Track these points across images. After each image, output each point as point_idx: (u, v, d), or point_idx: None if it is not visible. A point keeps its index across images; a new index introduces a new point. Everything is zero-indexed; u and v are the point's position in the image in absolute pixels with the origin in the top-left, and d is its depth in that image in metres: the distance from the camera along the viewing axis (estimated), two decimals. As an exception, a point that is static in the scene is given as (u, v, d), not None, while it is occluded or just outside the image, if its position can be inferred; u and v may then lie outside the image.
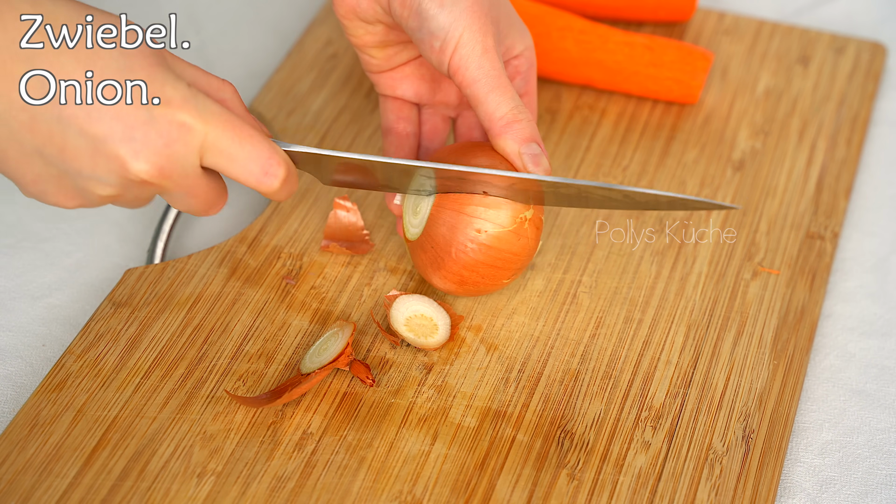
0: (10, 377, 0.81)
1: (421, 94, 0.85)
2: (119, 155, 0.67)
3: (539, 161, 0.77)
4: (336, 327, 0.80)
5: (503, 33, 0.80)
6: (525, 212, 0.78)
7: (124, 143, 0.67)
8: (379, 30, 0.82)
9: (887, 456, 0.79)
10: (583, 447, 0.77)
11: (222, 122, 0.69)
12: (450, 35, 0.77)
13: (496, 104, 0.77)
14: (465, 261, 0.78)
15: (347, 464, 0.75)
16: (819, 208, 0.91)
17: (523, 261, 0.79)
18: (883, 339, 0.85)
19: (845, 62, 1.01)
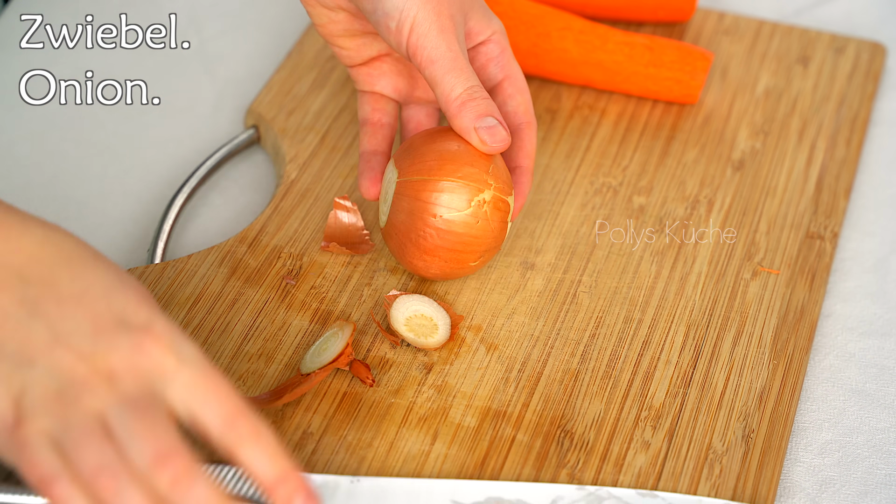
0: (11, 377, 0.81)
1: (400, 89, 0.86)
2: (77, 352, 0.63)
3: (495, 133, 0.77)
4: (336, 327, 0.80)
5: (466, 16, 0.80)
6: (481, 194, 0.78)
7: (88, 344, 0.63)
8: (342, 17, 0.82)
9: (887, 456, 0.79)
10: (583, 447, 0.77)
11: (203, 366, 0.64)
12: (404, 14, 0.77)
13: (451, 85, 0.77)
14: (425, 246, 0.79)
15: (347, 464, 0.75)
16: (819, 208, 0.91)
17: (489, 243, 0.80)
18: (883, 339, 0.85)
19: (845, 62, 1.01)
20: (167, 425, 0.63)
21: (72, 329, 0.63)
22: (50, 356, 0.63)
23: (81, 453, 0.62)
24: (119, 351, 0.63)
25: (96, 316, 0.64)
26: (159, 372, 0.63)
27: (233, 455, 0.64)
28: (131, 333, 0.64)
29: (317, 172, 0.91)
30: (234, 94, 0.99)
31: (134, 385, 0.63)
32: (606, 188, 0.91)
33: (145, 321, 0.64)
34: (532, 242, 0.87)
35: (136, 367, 0.63)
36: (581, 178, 0.92)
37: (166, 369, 0.64)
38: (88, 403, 0.62)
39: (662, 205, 0.90)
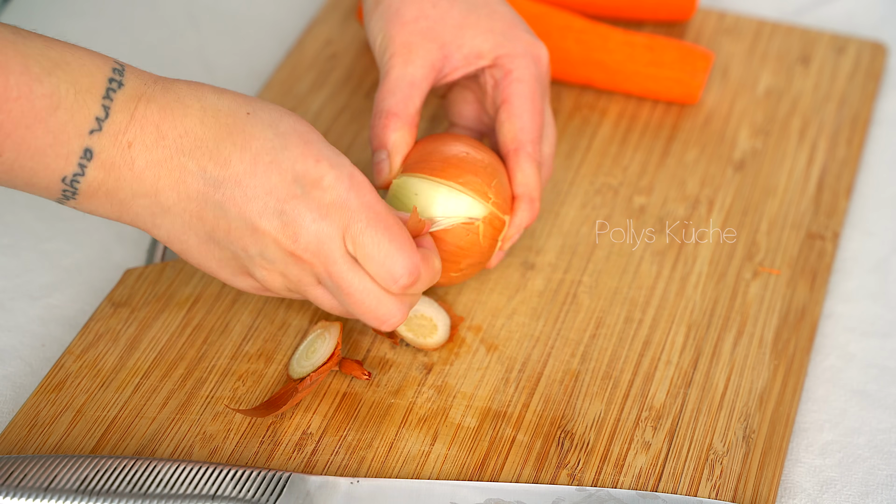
0: (10, 377, 0.81)
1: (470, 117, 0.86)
2: (269, 230, 0.71)
3: (379, 171, 0.80)
4: (320, 328, 0.80)
5: (454, 46, 0.80)
6: (478, 206, 0.78)
7: (275, 217, 0.71)
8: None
9: (888, 456, 0.79)
10: (583, 447, 0.77)
11: (369, 214, 0.72)
12: (373, 38, 0.81)
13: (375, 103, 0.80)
14: None
15: (347, 464, 0.75)
16: (820, 208, 0.91)
17: (474, 258, 0.79)
18: (884, 340, 0.85)
19: (846, 62, 1.01)
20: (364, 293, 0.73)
21: (259, 210, 0.71)
22: (256, 244, 0.72)
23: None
24: (304, 221, 0.71)
25: (273, 187, 0.70)
26: (339, 231, 0.71)
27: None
28: (308, 196, 0.71)
29: (317, 172, 0.91)
30: (234, 93, 0.99)
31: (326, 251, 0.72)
32: (607, 188, 0.91)
33: (315, 176, 0.71)
34: (532, 242, 0.87)
35: (321, 235, 0.71)
36: (581, 178, 0.92)
37: (341, 225, 0.71)
38: (305, 282, 0.73)
39: (663, 205, 0.90)
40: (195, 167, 0.70)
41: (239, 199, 0.71)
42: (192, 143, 0.70)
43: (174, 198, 0.71)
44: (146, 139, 0.70)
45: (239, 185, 0.70)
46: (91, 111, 0.68)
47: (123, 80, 0.70)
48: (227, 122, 0.71)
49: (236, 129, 0.71)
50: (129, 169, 0.70)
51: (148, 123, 0.70)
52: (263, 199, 0.71)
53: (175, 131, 0.70)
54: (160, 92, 0.71)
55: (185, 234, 0.72)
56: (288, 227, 0.71)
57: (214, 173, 0.70)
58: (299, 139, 0.72)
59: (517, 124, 0.80)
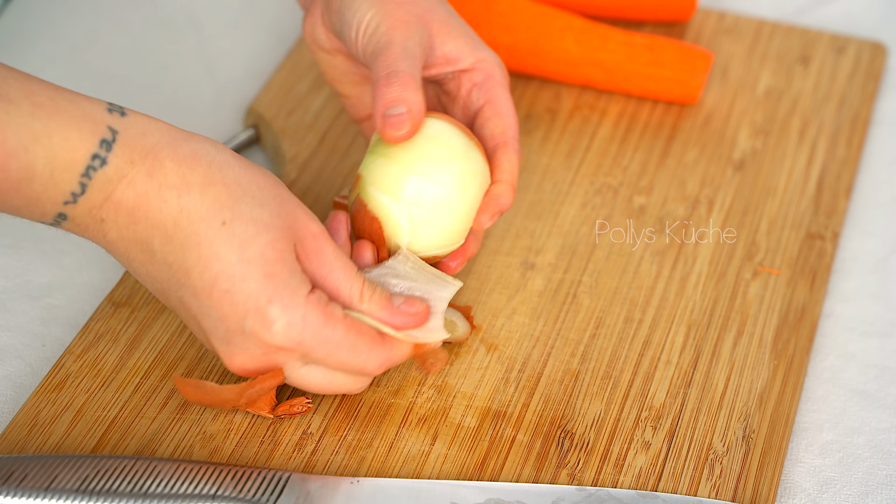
0: (10, 377, 0.81)
1: None
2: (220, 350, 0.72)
3: (397, 124, 0.76)
4: None
5: (438, 39, 0.80)
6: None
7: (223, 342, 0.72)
8: (339, 61, 0.84)
9: (888, 456, 0.79)
10: (583, 447, 0.77)
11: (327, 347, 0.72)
12: (360, 19, 0.79)
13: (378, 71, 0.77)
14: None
15: (347, 464, 0.75)
16: (819, 208, 0.91)
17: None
18: (883, 340, 0.85)
19: (846, 62, 1.01)
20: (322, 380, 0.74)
21: (211, 328, 0.72)
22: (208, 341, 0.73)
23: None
24: (250, 355, 0.72)
25: (224, 316, 0.71)
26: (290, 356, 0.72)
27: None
28: (255, 335, 0.71)
29: (316, 172, 0.91)
30: (234, 93, 0.99)
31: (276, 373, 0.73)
32: (607, 188, 0.91)
33: (264, 319, 0.70)
34: (532, 242, 0.87)
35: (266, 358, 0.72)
36: (581, 178, 0.92)
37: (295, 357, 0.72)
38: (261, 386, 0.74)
39: (663, 205, 0.90)
40: (162, 259, 0.71)
41: (194, 309, 0.72)
42: (162, 238, 0.70)
43: (143, 272, 0.72)
44: (119, 220, 0.70)
45: (196, 297, 0.71)
46: (67, 187, 0.69)
47: (108, 158, 0.69)
48: (198, 231, 0.70)
49: (204, 242, 0.70)
50: (101, 237, 0.71)
51: (122, 208, 0.70)
52: (214, 322, 0.71)
53: (147, 222, 0.70)
54: (143, 177, 0.70)
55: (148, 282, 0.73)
56: (235, 355, 0.72)
57: (178, 275, 0.71)
58: (260, 272, 0.70)
59: (505, 121, 0.81)
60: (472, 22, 0.96)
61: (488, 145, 0.81)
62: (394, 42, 0.78)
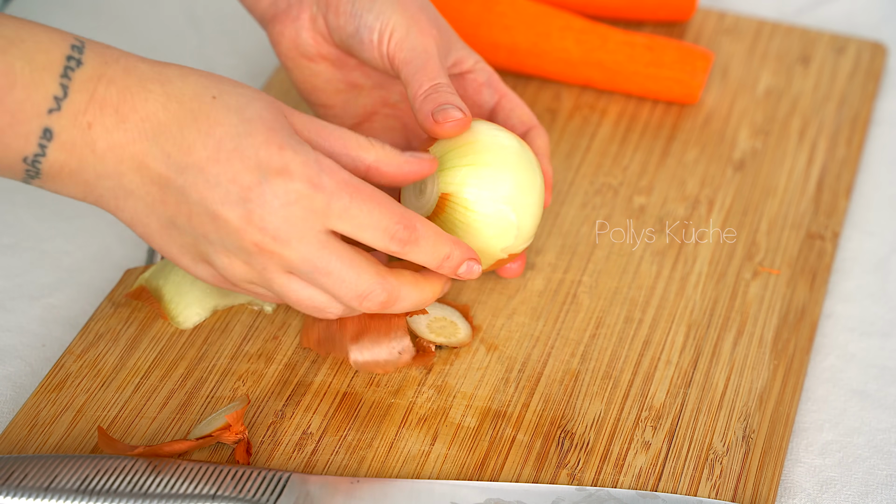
0: (10, 377, 0.81)
1: (398, 142, 0.85)
2: (232, 219, 0.69)
3: (448, 114, 0.76)
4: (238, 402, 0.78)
5: (446, 45, 0.81)
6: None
7: (238, 205, 0.69)
8: (323, 69, 0.83)
9: (888, 456, 0.79)
10: (583, 447, 0.77)
11: (348, 189, 0.70)
12: (384, 23, 0.78)
13: (419, 83, 0.77)
14: None
15: (347, 464, 0.75)
16: (819, 208, 0.91)
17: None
18: (883, 340, 0.85)
19: (846, 62, 1.01)
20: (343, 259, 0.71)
21: (221, 198, 0.69)
22: (217, 232, 0.70)
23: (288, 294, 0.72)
24: (269, 209, 0.69)
25: (236, 174, 0.68)
26: (313, 213, 0.69)
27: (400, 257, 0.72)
28: (272, 183, 0.68)
29: (317, 172, 0.91)
30: (234, 94, 0.99)
31: (297, 234, 0.69)
32: (607, 188, 0.91)
33: (279, 165, 0.69)
34: (532, 242, 0.87)
35: (291, 218, 0.69)
36: (581, 178, 0.92)
37: (316, 208, 0.69)
38: (272, 270, 0.71)
39: (663, 205, 0.90)
40: (158, 152, 0.69)
41: (201, 185, 0.69)
42: (154, 127, 0.68)
43: (137, 181, 0.69)
44: (106, 122, 0.68)
45: (202, 171, 0.69)
46: (49, 90, 0.67)
47: (83, 59, 0.68)
48: (192, 107, 0.69)
49: (201, 115, 0.69)
50: (90, 150, 0.68)
51: (107, 105, 0.68)
52: (226, 187, 0.69)
53: (136, 115, 0.68)
54: (121, 73, 0.69)
55: (148, 217, 0.71)
56: (252, 215, 0.69)
57: (177, 159, 0.69)
58: (263, 126, 0.69)
59: (526, 109, 0.84)
60: (472, 22, 0.96)
61: (519, 132, 0.83)
62: (430, 52, 0.78)
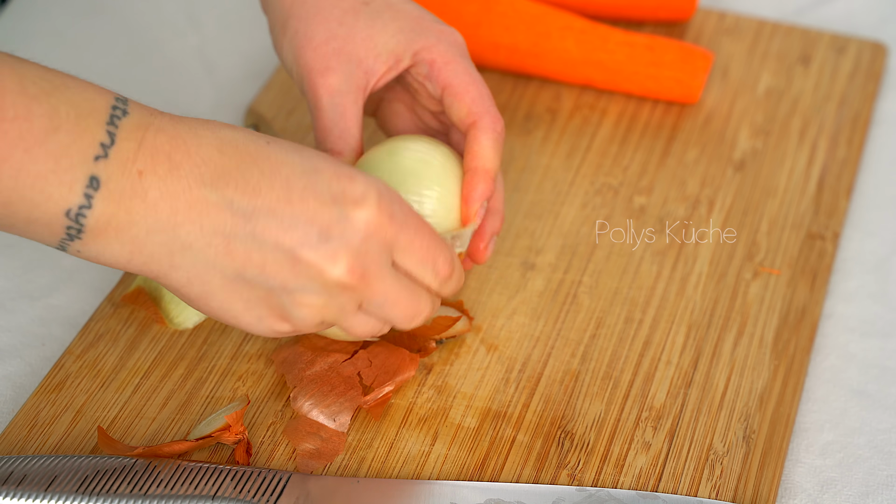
0: (10, 377, 0.81)
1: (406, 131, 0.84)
2: (316, 260, 0.66)
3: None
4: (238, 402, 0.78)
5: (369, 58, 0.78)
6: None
7: (321, 245, 0.66)
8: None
9: (888, 457, 0.79)
10: (583, 447, 0.77)
11: (415, 220, 0.69)
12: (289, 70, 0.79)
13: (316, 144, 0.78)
14: None
15: (347, 464, 0.75)
16: (820, 208, 0.91)
17: None
18: (884, 340, 0.85)
19: (846, 62, 1.01)
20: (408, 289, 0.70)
21: (301, 239, 0.66)
22: (297, 278, 0.66)
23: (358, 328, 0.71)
24: (352, 245, 0.66)
25: (314, 213, 0.66)
26: (385, 246, 0.68)
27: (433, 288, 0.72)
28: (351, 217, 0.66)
29: (317, 172, 0.91)
30: (234, 94, 0.99)
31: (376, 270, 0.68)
32: (607, 188, 0.91)
33: (355, 195, 0.67)
34: (532, 242, 0.87)
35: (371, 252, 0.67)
36: (581, 178, 0.92)
37: (388, 240, 0.67)
38: (348, 308, 0.68)
39: (663, 205, 0.90)
40: (219, 198, 0.64)
41: (275, 229, 0.65)
42: (212, 172, 0.65)
43: (196, 233, 0.65)
44: (158, 169, 0.64)
45: (274, 214, 0.65)
46: (95, 136, 0.63)
47: (128, 109, 0.65)
48: (250, 150, 0.66)
49: (261, 157, 0.66)
50: (141, 200, 0.64)
51: (159, 153, 0.64)
52: (304, 228, 0.65)
53: (190, 161, 0.65)
54: (168, 123, 0.66)
55: (209, 273, 0.66)
56: (336, 253, 0.66)
57: (243, 203, 0.65)
58: (327, 161, 0.67)
59: (467, 99, 0.77)
60: (471, 22, 0.96)
61: (462, 131, 0.78)
62: (318, 104, 0.77)
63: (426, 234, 0.69)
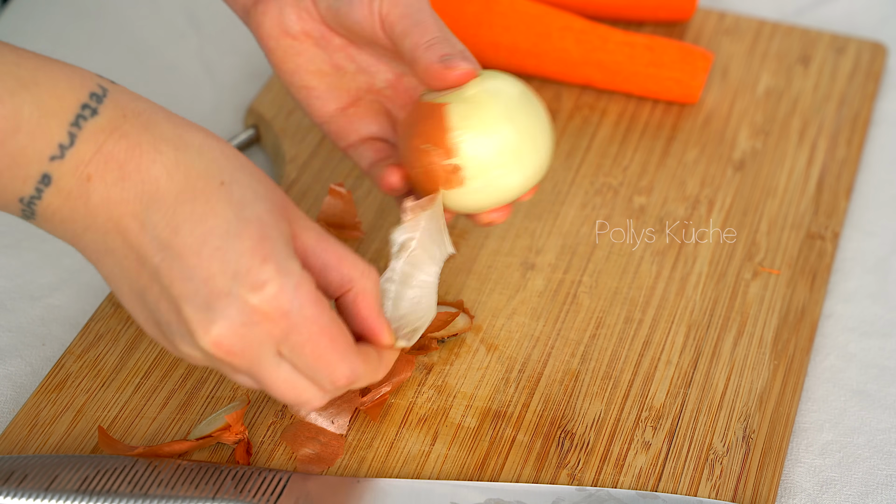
0: (10, 377, 0.81)
1: (384, 129, 0.82)
2: (192, 320, 0.65)
3: (452, 63, 0.74)
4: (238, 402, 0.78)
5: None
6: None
7: (201, 310, 0.65)
8: (306, 47, 0.79)
9: (888, 456, 0.79)
10: (583, 447, 0.77)
11: (311, 328, 0.66)
12: None
13: (420, 33, 0.74)
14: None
15: (347, 464, 0.75)
16: (819, 208, 0.91)
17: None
18: (883, 340, 0.85)
19: (846, 62, 1.01)
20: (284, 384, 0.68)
21: (189, 294, 0.65)
22: (178, 325, 0.66)
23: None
24: (229, 324, 0.65)
25: (211, 276, 0.65)
26: (270, 338, 0.66)
27: None
28: (240, 298, 0.65)
29: (317, 172, 0.91)
30: (234, 93, 0.99)
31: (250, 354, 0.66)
32: (607, 188, 0.91)
33: (255, 280, 0.65)
34: (532, 242, 0.87)
35: (247, 337, 0.65)
36: (581, 178, 0.92)
37: (274, 334, 0.66)
38: (229, 372, 0.68)
39: (663, 205, 0.90)
40: (146, 220, 0.65)
41: (175, 273, 0.65)
42: (151, 194, 0.65)
43: (118, 243, 0.66)
44: (107, 176, 0.65)
45: (179, 258, 0.65)
46: (54, 137, 0.64)
47: (100, 109, 0.65)
48: (195, 186, 0.65)
49: (200, 197, 0.65)
50: (84, 203, 0.65)
51: (112, 160, 0.65)
52: (197, 285, 0.64)
53: (139, 176, 0.65)
54: (137, 129, 0.65)
55: (122, 281, 0.67)
56: (211, 324, 0.65)
57: (162, 236, 0.65)
58: (257, 232, 0.65)
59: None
60: (471, 22, 0.96)
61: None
62: (425, 9, 0.75)
63: (323, 343, 0.67)
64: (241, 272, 0.65)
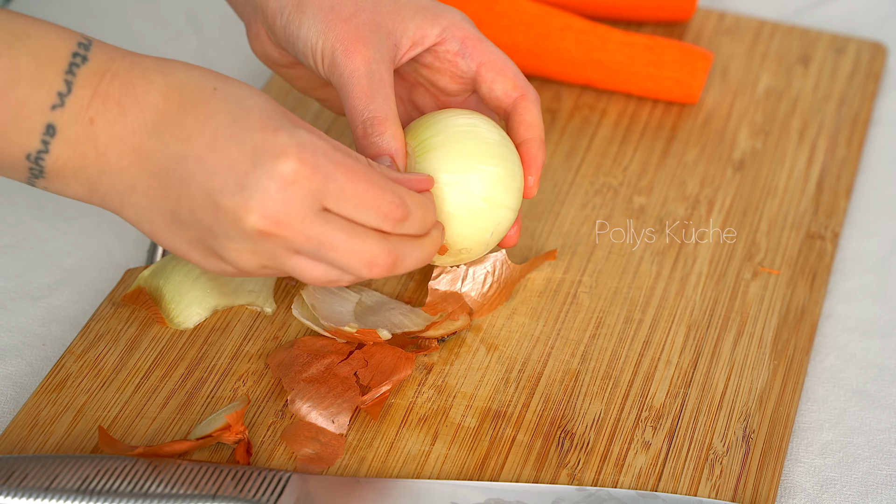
0: (10, 377, 0.81)
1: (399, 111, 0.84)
2: (231, 207, 0.68)
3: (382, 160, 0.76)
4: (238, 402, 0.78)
5: (391, 31, 0.78)
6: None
7: (236, 193, 0.67)
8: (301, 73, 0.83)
9: (888, 456, 0.79)
10: (583, 447, 0.77)
11: (343, 170, 0.69)
12: (313, 48, 0.78)
13: (351, 117, 0.77)
14: None
15: (347, 464, 0.75)
16: (819, 208, 0.91)
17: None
18: (883, 340, 0.85)
19: (846, 62, 1.01)
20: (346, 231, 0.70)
21: (220, 186, 0.68)
22: (220, 223, 0.68)
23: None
24: (267, 194, 0.67)
25: (233, 161, 0.68)
26: (311, 194, 0.68)
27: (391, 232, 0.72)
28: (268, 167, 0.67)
29: (317, 172, 0.91)
30: (234, 94, 0.99)
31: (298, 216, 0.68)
32: (607, 188, 0.91)
33: (275, 148, 0.68)
34: (532, 242, 0.87)
35: (290, 200, 0.68)
36: (581, 178, 0.92)
37: (313, 189, 0.68)
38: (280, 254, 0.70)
39: (663, 205, 0.90)
40: (157, 143, 0.68)
41: (200, 175, 0.68)
42: (154, 118, 0.68)
43: (138, 175, 0.69)
44: (108, 115, 0.68)
45: (200, 160, 0.68)
46: (53, 86, 0.67)
47: (88, 55, 0.68)
48: (192, 97, 0.69)
49: (200, 104, 0.68)
50: (92, 146, 0.68)
51: (110, 99, 0.68)
52: (223, 175, 0.67)
53: (138, 107, 0.68)
54: (126, 67, 0.69)
55: (152, 213, 0.69)
56: (251, 201, 0.67)
57: (176, 149, 0.68)
58: (260, 112, 0.69)
59: (510, 73, 0.80)
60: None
61: (504, 104, 0.80)
62: (356, 73, 0.77)
63: (361, 180, 0.69)
64: (259, 146, 0.68)
